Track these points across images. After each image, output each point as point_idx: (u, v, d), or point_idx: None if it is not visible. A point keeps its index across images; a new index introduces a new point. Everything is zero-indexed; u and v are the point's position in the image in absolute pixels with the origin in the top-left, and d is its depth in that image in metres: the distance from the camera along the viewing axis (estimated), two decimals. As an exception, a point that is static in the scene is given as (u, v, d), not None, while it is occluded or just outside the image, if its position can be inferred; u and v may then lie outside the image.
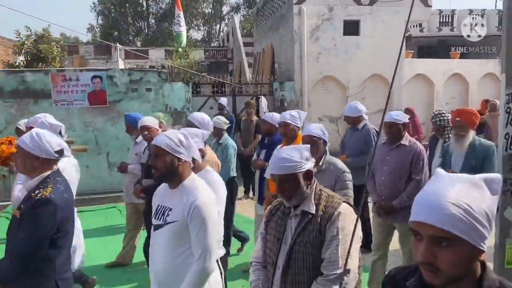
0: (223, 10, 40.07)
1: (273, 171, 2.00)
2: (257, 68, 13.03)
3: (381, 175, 3.73)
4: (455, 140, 3.75)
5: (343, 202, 2.03)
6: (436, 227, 0.98)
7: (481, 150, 3.59)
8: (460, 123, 3.69)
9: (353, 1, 9.69)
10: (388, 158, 3.70)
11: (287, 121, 3.75)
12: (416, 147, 3.66)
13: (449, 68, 11.07)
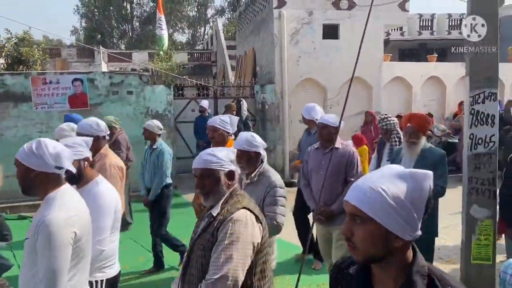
0: (208, 13, 40.14)
1: (195, 165, 2.03)
2: (239, 71, 13.14)
3: (318, 181, 3.57)
4: (407, 147, 3.62)
5: (242, 209, 1.99)
6: (354, 205, 1.11)
7: (431, 157, 3.50)
8: (411, 130, 3.56)
9: (332, 5, 9.86)
10: (323, 163, 3.62)
11: (216, 126, 3.71)
12: (349, 150, 3.67)
13: (426, 71, 11.34)
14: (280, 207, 2.81)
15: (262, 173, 2.91)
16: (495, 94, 3.79)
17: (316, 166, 3.71)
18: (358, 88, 10.47)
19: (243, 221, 1.94)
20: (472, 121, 3.81)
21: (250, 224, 1.96)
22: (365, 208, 1.08)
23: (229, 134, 3.79)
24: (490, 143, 3.80)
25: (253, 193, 2.68)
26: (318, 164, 3.69)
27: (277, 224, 2.77)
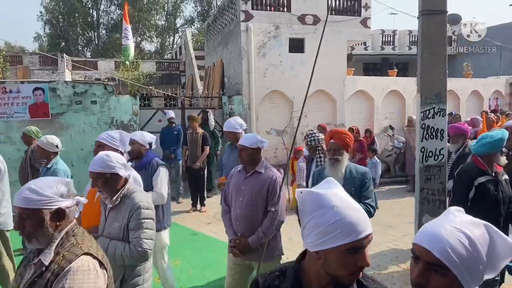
0: (177, 23, 40.04)
1: (15, 203, 1.68)
2: (207, 82, 13.20)
3: (237, 208, 3.28)
4: (330, 165, 3.39)
5: (83, 255, 1.66)
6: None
7: (359, 177, 3.30)
8: (334, 146, 3.39)
9: (298, 20, 10.15)
10: (243, 188, 3.27)
11: (102, 141, 3.43)
12: (272, 175, 3.28)
13: (387, 85, 11.80)
14: (146, 230, 2.49)
15: (125, 195, 2.57)
16: (444, 110, 4.04)
17: (236, 190, 3.32)
18: (322, 101, 10.79)
19: (85, 271, 1.62)
20: (423, 135, 4.05)
21: (94, 273, 1.65)
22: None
23: (118, 151, 3.37)
24: (439, 155, 4.05)
25: (115, 219, 2.52)
26: (238, 189, 3.30)
27: (143, 250, 2.46)
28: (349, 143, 3.39)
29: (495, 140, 3.32)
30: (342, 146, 3.35)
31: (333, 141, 3.39)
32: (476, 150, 3.43)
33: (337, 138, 3.41)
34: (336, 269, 1.19)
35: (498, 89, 14.33)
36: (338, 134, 3.44)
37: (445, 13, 4.00)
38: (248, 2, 9.77)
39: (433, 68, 4.05)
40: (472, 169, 3.46)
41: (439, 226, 1.11)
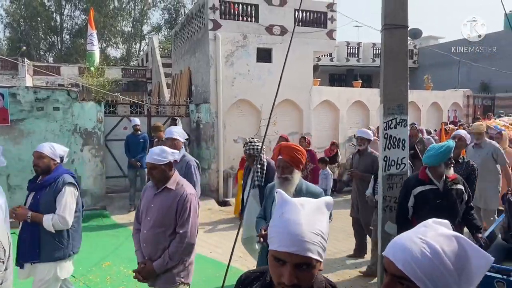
0: (144, 30, 39.53)
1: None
2: (175, 90, 13.09)
3: (144, 228, 2.98)
4: (279, 184, 2.98)
5: None
6: (301, 256, 1.13)
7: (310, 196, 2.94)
8: (282, 163, 2.98)
9: (265, 30, 10.28)
10: (152, 206, 2.99)
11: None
12: (183, 192, 2.96)
13: (352, 95, 12.12)
14: None
15: None
16: (405, 121, 4.19)
17: (146, 209, 3.03)
18: (289, 110, 10.92)
19: None
20: (386, 145, 4.17)
21: None
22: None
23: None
24: (401, 164, 4.18)
25: None
26: (148, 207, 3.02)
27: None
28: (301, 159, 2.96)
29: (439, 152, 3.47)
30: (292, 163, 2.94)
31: (282, 158, 2.96)
32: (424, 161, 3.60)
33: (286, 153, 2.97)
34: (271, 273, 1.21)
35: (456, 101, 15.02)
36: (287, 149, 3.01)
37: (406, 28, 4.16)
38: (216, 11, 9.81)
39: (395, 80, 4.19)
40: (412, 180, 3.71)
41: (408, 238, 1.09)
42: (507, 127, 8.18)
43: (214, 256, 5.89)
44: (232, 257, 5.97)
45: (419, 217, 3.53)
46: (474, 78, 18.82)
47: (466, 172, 4.56)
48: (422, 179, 3.60)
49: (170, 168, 3.01)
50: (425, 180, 3.57)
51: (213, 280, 4.89)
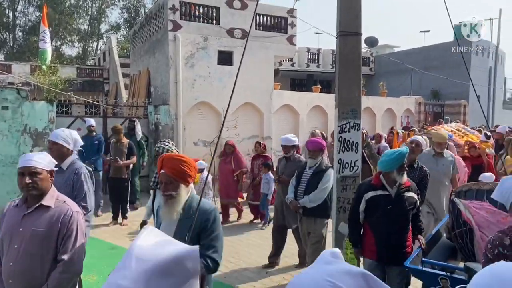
0: (102, 28, 38.35)
1: None
2: (133, 90, 12.81)
3: (10, 259, 2.36)
4: (163, 203, 2.46)
5: None
6: None
7: (199, 218, 2.34)
8: (165, 178, 2.41)
9: (226, 33, 10.29)
10: (21, 230, 2.36)
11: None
12: (66, 209, 2.43)
13: (311, 100, 12.38)
14: None
15: None
16: (359, 125, 4.34)
17: (9, 234, 2.39)
18: (250, 114, 10.99)
19: None
20: (340, 148, 4.30)
21: None
22: None
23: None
24: (354, 167, 4.32)
25: None
26: (13, 232, 2.38)
27: None
28: (187, 172, 2.42)
29: (391, 158, 3.52)
30: (177, 177, 2.39)
31: (164, 172, 2.40)
32: (378, 166, 3.68)
33: (169, 166, 2.40)
34: None
35: (409, 108, 15.69)
36: (170, 161, 2.43)
37: (360, 35, 4.32)
38: (176, 12, 9.72)
39: (349, 86, 4.33)
40: (365, 184, 3.76)
41: (310, 277, 1.00)
42: (454, 132, 8.64)
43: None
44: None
45: (370, 222, 3.66)
46: (425, 86, 19.74)
47: (419, 177, 4.61)
48: (374, 184, 3.64)
49: (48, 179, 2.46)
50: (378, 185, 3.61)
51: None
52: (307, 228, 4.89)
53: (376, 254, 3.63)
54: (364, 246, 3.74)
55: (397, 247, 3.59)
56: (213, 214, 2.43)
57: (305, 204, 4.73)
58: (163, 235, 1.18)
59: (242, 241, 6.84)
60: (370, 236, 3.67)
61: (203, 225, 2.36)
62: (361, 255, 3.84)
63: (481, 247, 3.42)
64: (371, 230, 3.67)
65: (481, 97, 19.28)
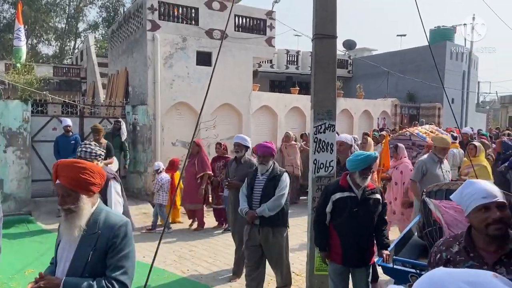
0: (80, 27, 37.67)
1: None
2: (110, 90, 12.65)
3: None
4: (62, 218, 2.09)
5: None
6: None
7: (104, 235, 2.05)
8: (61, 190, 2.05)
9: (205, 34, 10.29)
10: None
11: None
12: None
13: (289, 101, 12.48)
14: None
15: None
16: (334, 126, 4.43)
17: None
18: (229, 114, 11.01)
19: None
20: (315, 148, 4.37)
21: None
22: None
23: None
24: (329, 167, 4.40)
25: None
26: None
27: None
28: (90, 180, 2.07)
29: (356, 159, 3.51)
30: (75, 187, 2.04)
31: (59, 182, 2.05)
32: (347, 165, 3.62)
33: (65, 175, 2.05)
34: None
35: (385, 110, 16.00)
36: (67, 169, 2.07)
37: (335, 38, 4.40)
38: (155, 12, 9.66)
39: (324, 88, 4.42)
40: (332, 185, 3.71)
41: None
42: (428, 134, 8.87)
43: (147, 260, 5.77)
44: (167, 261, 5.90)
45: (336, 224, 3.59)
46: (401, 88, 20.17)
47: None
48: (342, 186, 3.59)
49: None
50: (345, 187, 3.57)
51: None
52: (264, 241, 4.32)
53: (342, 257, 3.58)
54: (330, 249, 3.68)
55: (363, 250, 3.58)
56: (123, 229, 2.09)
57: (263, 213, 4.21)
58: None
59: (218, 241, 6.87)
60: (336, 238, 3.61)
61: (111, 242, 2.04)
62: (328, 258, 3.73)
63: (449, 244, 3.54)
64: (336, 233, 3.60)
65: (455, 100, 19.86)
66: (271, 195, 4.23)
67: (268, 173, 4.36)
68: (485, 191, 1.91)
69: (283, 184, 4.27)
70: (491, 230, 1.87)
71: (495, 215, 1.85)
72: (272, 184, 4.27)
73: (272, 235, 4.29)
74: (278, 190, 4.24)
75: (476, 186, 1.95)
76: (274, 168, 4.40)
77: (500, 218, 1.85)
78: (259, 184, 4.36)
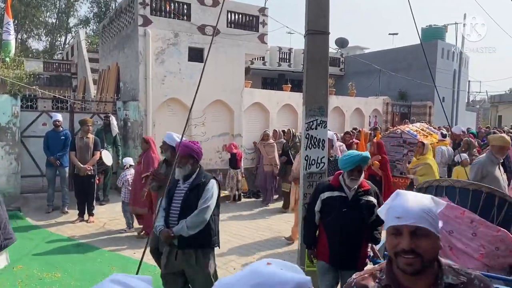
0: (70, 22, 37.25)
1: None
2: (101, 86, 12.54)
3: None
4: None
5: None
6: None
7: None
8: None
9: (197, 30, 10.24)
10: None
11: None
12: None
13: (282, 98, 12.48)
14: None
15: None
16: (325, 122, 4.43)
17: None
18: (221, 111, 10.98)
19: None
20: (307, 144, 4.38)
21: None
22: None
23: None
24: (321, 163, 4.41)
25: None
26: None
27: None
28: None
29: (345, 159, 3.43)
30: None
31: None
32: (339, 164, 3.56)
33: None
34: None
35: (377, 108, 16.08)
36: None
37: (327, 34, 4.41)
38: (146, 7, 9.58)
39: (316, 84, 4.42)
40: (323, 184, 3.62)
41: None
42: (419, 132, 8.94)
43: (137, 256, 5.75)
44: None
45: (325, 223, 3.51)
46: (393, 87, 20.26)
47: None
48: (332, 185, 3.48)
49: None
50: (336, 186, 3.46)
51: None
52: (186, 267, 3.43)
53: (329, 256, 3.48)
54: (318, 247, 3.61)
55: (350, 252, 3.41)
56: None
57: (181, 232, 3.30)
58: None
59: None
60: (324, 237, 3.53)
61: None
62: (315, 257, 3.66)
63: (439, 240, 3.56)
64: (325, 232, 3.53)
65: (446, 98, 20.01)
66: (194, 208, 3.34)
67: (191, 180, 3.48)
68: (402, 208, 1.44)
69: (208, 193, 3.38)
70: (400, 263, 1.45)
71: (403, 244, 1.42)
72: (195, 194, 3.39)
73: (195, 260, 3.39)
74: (202, 202, 3.35)
75: (397, 201, 1.49)
76: (199, 174, 3.50)
77: (411, 249, 1.41)
78: (179, 194, 3.46)
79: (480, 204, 3.59)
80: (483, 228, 3.43)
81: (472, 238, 3.45)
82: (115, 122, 9.16)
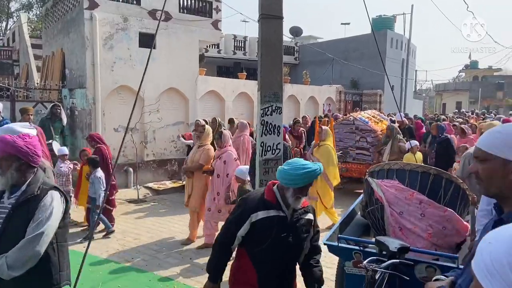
0: (12, 7, 34.82)
1: None
2: (45, 73, 11.83)
3: None
4: None
5: None
6: None
7: None
8: None
9: (148, 15, 9.86)
10: None
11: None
12: None
13: (237, 86, 12.38)
14: None
15: None
16: (280, 108, 4.40)
17: None
18: (175, 99, 10.72)
19: None
20: (262, 131, 4.33)
21: None
22: None
23: None
24: (276, 150, 4.38)
25: None
26: None
27: None
28: None
29: (292, 174, 2.44)
30: None
31: None
32: (277, 174, 2.57)
33: None
34: None
35: (330, 96, 16.39)
36: None
37: (281, 19, 4.34)
38: (93, -11, 9.09)
39: (271, 69, 4.36)
40: (254, 200, 2.58)
41: None
42: (370, 118, 9.19)
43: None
44: (109, 251, 5.67)
45: (253, 253, 2.54)
46: (346, 75, 20.73)
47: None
48: (268, 201, 2.53)
49: None
50: (272, 202, 2.53)
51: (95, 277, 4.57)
52: None
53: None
54: (238, 281, 2.64)
55: (286, 285, 2.67)
56: None
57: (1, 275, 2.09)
58: None
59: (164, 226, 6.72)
60: (251, 270, 2.55)
61: None
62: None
63: (390, 221, 3.66)
64: (252, 263, 2.55)
65: (395, 87, 20.75)
66: (20, 236, 2.13)
67: (19, 193, 2.25)
68: None
69: (43, 213, 2.18)
70: None
71: None
72: (22, 214, 2.19)
73: None
74: (33, 227, 2.14)
75: None
76: (30, 183, 2.27)
77: None
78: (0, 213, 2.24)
79: (428, 186, 3.71)
80: (431, 209, 3.56)
81: (421, 218, 3.57)
82: (64, 112, 8.66)
